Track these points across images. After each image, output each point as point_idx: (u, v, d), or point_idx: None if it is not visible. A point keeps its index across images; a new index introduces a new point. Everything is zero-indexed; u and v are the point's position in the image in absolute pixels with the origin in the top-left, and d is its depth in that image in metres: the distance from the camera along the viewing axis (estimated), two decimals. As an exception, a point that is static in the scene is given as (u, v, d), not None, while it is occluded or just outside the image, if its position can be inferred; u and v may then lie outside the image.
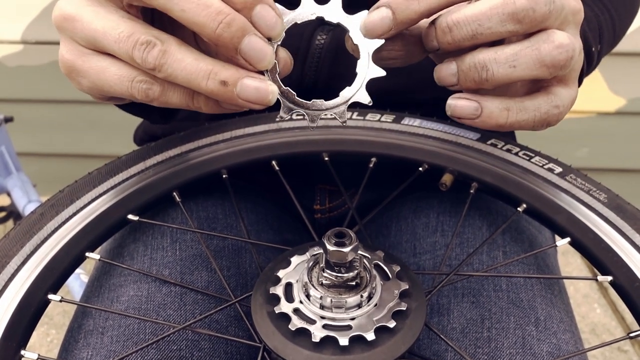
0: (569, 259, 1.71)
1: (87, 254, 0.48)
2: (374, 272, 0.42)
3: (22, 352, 0.42)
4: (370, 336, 0.39)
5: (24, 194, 1.38)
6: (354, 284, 0.40)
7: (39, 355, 0.42)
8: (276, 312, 0.40)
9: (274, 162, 0.56)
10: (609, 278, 0.47)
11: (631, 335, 0.43)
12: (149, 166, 0.54)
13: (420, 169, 0.55)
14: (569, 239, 0.50)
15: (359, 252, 0.40)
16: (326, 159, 0.57)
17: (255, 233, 0.63)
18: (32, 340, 0.44)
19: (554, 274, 0.61)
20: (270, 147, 0.57)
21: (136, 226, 0.57)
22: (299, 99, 0.41)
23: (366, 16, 0.40)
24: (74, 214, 0.50)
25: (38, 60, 1.66)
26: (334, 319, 0.39)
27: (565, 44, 0.39)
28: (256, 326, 0.40)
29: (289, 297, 0.41)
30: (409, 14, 0.39)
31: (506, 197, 0.53)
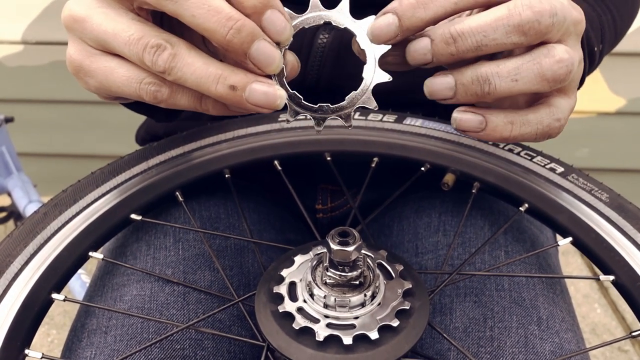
0: (569, 259, 1.71)
1: (90, 253, 0.49)
2: (377, 271, 0.42)
3: (26, 351, 0.42)
4: (373, 335, 0.39)
5: (24, 194, 1.38)
6: (357, 283, 0.40)
7: (43, 354, 0.42)
8: (280, 311, 0.40)
9: (276, 162, 0.57)
10: (611, 277, 0.47)
11: (633, 334, 0.43)
12: (151, 166, 0.55)
13: (423, 168, 0.56)
14: (570, 238, 0.50)
15: (363, 251, 0.40)
16: (328, 158, 0.57)
17: (258, 233, 0.63)
18: (32, 340, 0.44)
19: (555, 273, 0.61)
20: (273, 147, 0.57)
21: (139, 226, 0.57)
22: (306, 102, 0.41)
23: (372, 22, 0.40)
24: (77, 213, 0.50)
25: (38, 60, 1.67)
26: (337, 317, 0.40)
27: (565, 58, 0.39)
28: (260, 325, 0.40)
29: (293, 296, 0.41)
30: (415, 21, 0.39)
31: (508, 196, 0.53)
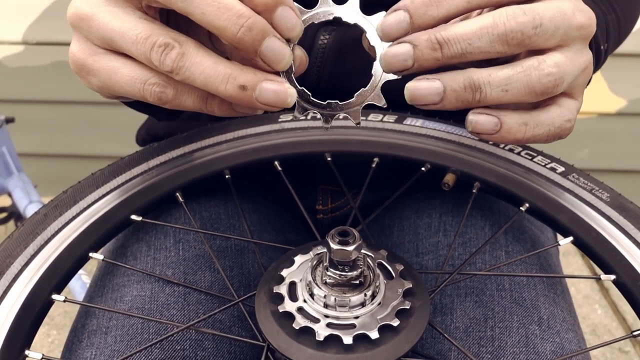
0: (569, 260, 1.71)
1: (90, 254, 0.49)
2: (378, 271, 0.42)
3: (26, 352, 0.42)
4: (374, 335, 0.39)
5: (25, 195, 1.38)
6: (357, 282, 0.40)
7: (43, 355, 0.42)
8: (280, 311, 0.40)
9: (276, 163, 0.56)
10: (612, 277, 0.47)
11: (634, 333, 0.43)
12: (152, 167, 0.55)
13: (423, 168, 0.56)
14: (571, 238, 0.50)
15: (363, 251, 0.40)
16: (329, 159, 0.57)
17: (258, 233, 0.63)
18: (32, 341, 0.44)
19: (556, 273, 0.61)
20: (273, 147, 0.57)
21: (139, 226, 0.57)
22: (314, 99, 0.41)
23: (383, 18, 0.39)
24: (78, 214, 0.50)
25: (39, 61, 1.67)
26: (337, 317, 0.40)
27: (554, 72, 0.39)
28: (260, 325, 0.40)
29: (293, 296, 0.41)
30: (427, 19, 0.38)
31: (509, 196, 0.53)
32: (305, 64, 0.41)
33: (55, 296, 0.45)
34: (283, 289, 0.42)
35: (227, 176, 0.56)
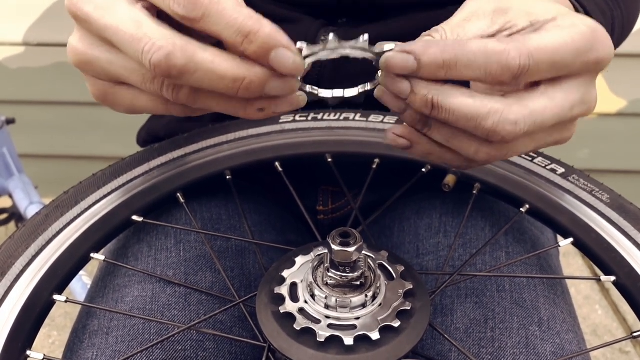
0: (570, 261, 1.71)
1: (91, 254, 0.49)
2: (379, 272, 0.42)
3: (28, 352, 0.42)
4: (375, 336, 0.39)
5: (25, 196, 1.38)
6: (358, 283, 0.40)
7: (45, 355, 0.42)
8: (281, 311, 0.40)
9: (277, 164, 0.57)
10: (612, 278, 0.47)
11: (635, 334, 0.43)
12: (153, 167, 0.55)
13: (424, 169, 0.56)
14: (571, 239, 0.50)
15: (364, 252, 0.40)
16: (329, 160, 0.57)
17: (259, 234, 0.63)
18: (34, 342, 0.44)
19: (556, 274, 0.61)
20: (274, 148, 0.57)
21: (140, 227, 0.57)
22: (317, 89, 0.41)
23: (391, 53, 0.37)
24: (79, 215, 0.50)
25: (40, 62, 1.67)
26: (338, 318, 0.40)
27: (509, 131, 0.38)
28: (261, 326, 0.41)
29: (294, 297, 0.41)
30: (431, 77, 0.37)
31: (509, 197, 0.53)
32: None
33: (56, 296, 0.45)
34: (284, 290, 0.42)
35: (228, 177, 0.56)
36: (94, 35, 0.39)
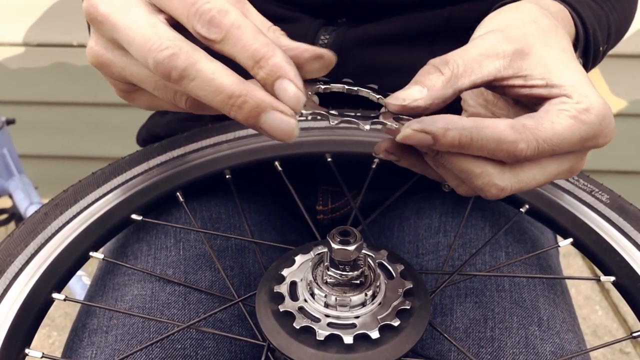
0: (570, 261, 1.71)
1: (91, 253, 0.49)
2: (378, 271, 0.42)
3: (27, 350, 0.42)
4: (374, 334, 0.39)
5: (25, 196, 1.38)
6: (358, 282, 0.40)
7: (44, 353, 0.42)
8: (280, 310, 0.40)
9: (277, 163, 0.57)
10: (612, 278, 0.47)
11: (634, 335, 0.43)
12: (152, 166, 0.55)
13: (423, 169, 0.56)
14: (571, 239, 0.50)
15: (363, 250, 0.40)
16: (329, 159, 0.57)
17: (258, 233, 0.63)
18: (34, 341, 0.44)
19: (556, 274, 0.61)
20: (274, 147, 0.57)
21: (140, 226, 0.57)
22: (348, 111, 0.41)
23: (410, 132, 0.37)
24: (78, 213, 0.50)
25: (40, 62, 1.67)
26: (338, 317, 0.40)
27: (494, 194, 0.40)
28: (260, 324, 0.40)
29: (294, 296, 0.41)
30: (442, 150, 0.38)
31: (508, 197, 0.53)
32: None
33: (55, 295, 0.45)
34: (284, 289, 0.42)
35: (227, 176, 0.56)
36: (107, 38, 0.39)
